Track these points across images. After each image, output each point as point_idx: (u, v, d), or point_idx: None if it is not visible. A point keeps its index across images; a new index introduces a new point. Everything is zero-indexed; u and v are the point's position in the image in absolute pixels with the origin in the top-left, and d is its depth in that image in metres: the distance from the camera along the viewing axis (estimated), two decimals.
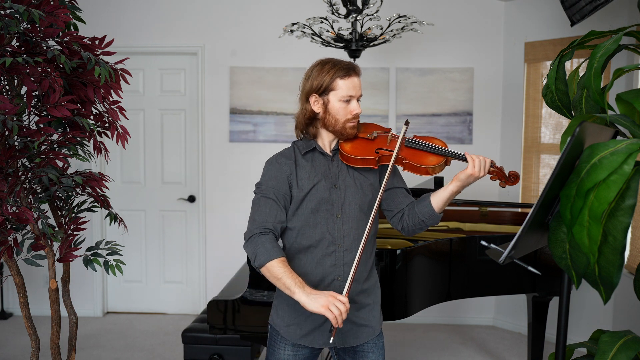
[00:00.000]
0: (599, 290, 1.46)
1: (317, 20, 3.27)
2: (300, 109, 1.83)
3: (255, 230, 1.71)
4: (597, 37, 2.04)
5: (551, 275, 2.83)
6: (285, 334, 1.83)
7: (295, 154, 1.83)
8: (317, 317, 1.79)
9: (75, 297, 3.73)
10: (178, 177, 4.47)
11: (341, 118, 1.77)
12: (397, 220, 1.86)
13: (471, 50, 4.25)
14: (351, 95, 1.76)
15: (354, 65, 1.78)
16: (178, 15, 4.30)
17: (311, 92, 1.77)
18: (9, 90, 2.04)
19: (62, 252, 2.04)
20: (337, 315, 1.52)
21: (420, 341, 3.98)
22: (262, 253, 1.65)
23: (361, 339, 1.84)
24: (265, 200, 1.76)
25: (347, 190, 1.80)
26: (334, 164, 1.82)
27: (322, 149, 1.83)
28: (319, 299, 1.55)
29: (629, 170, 1.28)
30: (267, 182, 1.79)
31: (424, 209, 1.78)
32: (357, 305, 1.83)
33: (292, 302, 1.78)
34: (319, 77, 1.76)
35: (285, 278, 1.61)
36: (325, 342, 1.81)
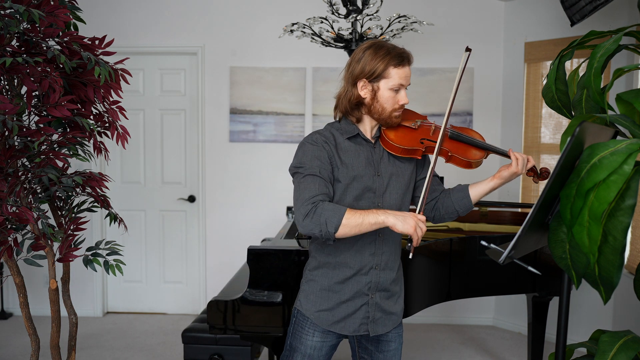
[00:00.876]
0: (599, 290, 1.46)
1: (317, 20, 3.27)
2: (344, 91, 1.76)
3: (307, 206, 1.61)
4: (597, 37, 2.04)
5: (551, 275, 2.83)
6: (316, 319, 1.81)
7: (336, 137, 1.77)
8: (352, 304, 1.79)
9: (75, 297, 3.74)
10: (178, 177, 4.47)
11: (389, 107, 1.73)
12: (431, 208, 1.87)
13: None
14: (402, 84, 1.73)
15: (408, 54, 1.75)
16: (178, 15, 4.30)
17: (361, 77, 1.71)
18: (9, 90, 2.04)
19: (62, 252, 2.04)
20: (420, 235, 1.58)
21: (420, 341, 3.98)
22: (331, 216, 1.58)
23: (389, 327, 1.85)
24: (312, 177, 1.67)
25: (390, 178, 1.78)
26: (376, 151, 1.79)
27: (365, 135, 1.79)
28: (407, 219, 1.57)
29: (629, 170, 1.28)
30: (310, 161, 1.69)
31: (461, 200, 1.80)
32: (389, 293, 1.84)
33: (325, 286, 1.80)
34: (371, 62, 1.69)
35: (366, 217, 1.59)
36: (355, 330, 1.81)
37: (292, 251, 2.39)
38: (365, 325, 1.81)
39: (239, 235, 4.32)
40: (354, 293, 1.79)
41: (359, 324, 1.80)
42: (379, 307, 1.82)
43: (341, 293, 1.79)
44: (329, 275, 1.80)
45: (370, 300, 1.80)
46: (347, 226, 1.58)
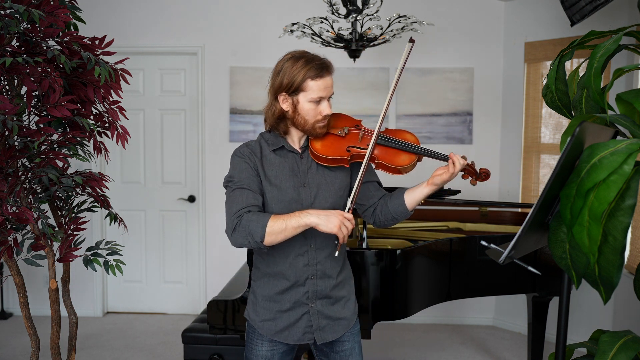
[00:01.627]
0: (599, 290, 1.46)
1: (317, 20, 3.26)
2: (269, 105, 1.76)
3: (234, 221, 1.64)
4: (597, 37, 2.04)
5: (551, 275, 2.83)
6: (260, 329, 1.83)
7: (262, 148, 1.78)
8: (292, 314, 1.80)
9: (75, 297, 3.73)
10: (178, 177, 4.47)
11: (310, 119, 1.72)
12: (370, 214, 1.85)
13: (471, 50, 4.25)
14: (321, 96, 1.69)
15: (327, 64, 1.71)
16: (178, 15, 4.30)
17: (280, 91, 1.71)
18: (9, 90, 2.04)
19: (62, 252, 2.04)
20: (345, 234, 1.59)
21: (420, 341, 3.98)
22: (254, 227, 1.60)
23: (339, 332, 1.85)
24: (240, 190, 1.70)
25: (319, 188, 1.77)
26: (303, 161, 1.78)
27: (291, 147, 1.79)
28: (331, 218, 1.58)
29: (629, 170, 1.28)
30: (238, 174, 1.73)
31: (397, 207, 1.78)
32: (332, 300, 1.83)
33: (266, 296, 1.81)
34: (289, 76, 1.68)
35: (289, 222, 1.60)
36: (299, 339, 1.81)
37: None
38: (309, 334, 1.81)
39: None
40: (294, 303, 1.80)
41: (302, 332, 1.81)
42: (323, 314, 1.81)
43: (281, 303, 1.80)
44: (269, 285, 1.82)
45: (311, 309, 1.80)
46: (272, 234, 1.60)
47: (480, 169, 1.77)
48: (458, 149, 4.26)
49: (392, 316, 2.46)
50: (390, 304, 2.46)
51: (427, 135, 4.28)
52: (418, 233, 3.06)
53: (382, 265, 2.43)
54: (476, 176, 1.77)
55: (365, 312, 2.42)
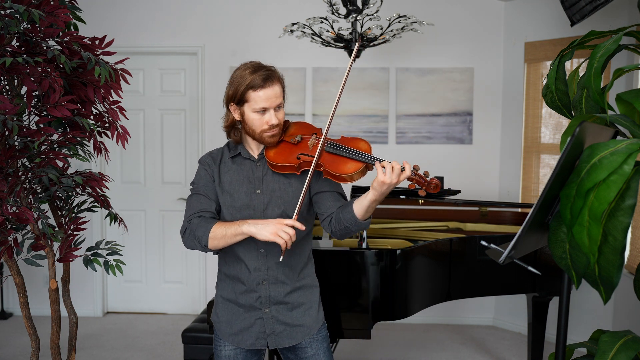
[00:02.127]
0: (599, 290, 1.46)
1: (317, 20, 3.27)
2: (225, 114, 1.82)
3: (185, 224, 1.75)
4: (597, 37, 2.04)
5: (551, 275, 2.83)
6: (218, 330, 1.87)
7: (223, 155, 1.85)
8: (247, 318, 1.82)
9: (75, 297, 3.73)
10: (178, 177, 4.47)
11: (257, 129, 1.74)
12: (327, 224, 1.81)
13: (471, 50, 4.25)
14: (264, 107, 1.70)
15: (271, 73, 1.71)
16: (178, 15, 4.30)
17: (229, 101, 1.76)
18: (9, 90, 2.04)
19: (62, 252, 2.04)
20: (287, 240, 1.60)
21: (420, 341, 3.98)
22: (200, 232, 1.69)
23: (297, 339, 1.84)
24: (196, 196, 1.79)
25: (272, 194, 1.79)
26: (259, 168, 1.81)
27: (248, 154, 1.82)
28: (267, 227, 1.62)
29: (629, 170, 1.28)
30: (198, 181, 1.83)
31: (347, 215, 1.71)
32: (290, 306, 1.83)
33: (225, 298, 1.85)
34: (235, 86, 1.71)
35: (229, 229, 1.66)
36: (252, 344, 1.82)
37: None
38: (262, 339, 1.82)
39: None
40: (248, 307, 1.82)
41: (255, 337, 1.82)
42: (278, 320, 1.82)
43: (238, 306, 1.83)
44: (227, 287, 1.85)
45: (265, 315, 1.81)
46: (214, 239, 1.68)
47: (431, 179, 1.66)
48: (458, 149, 4.27)
49: (392, 316, 2.46)
50: (390, 304, 2.46)
51: (427, 135, 4.28)
52: (418, 233, 3.06)
53: (382, 265, 2.43)
54: (425, 186, 1.66)
55: (365, 312, 2.42)
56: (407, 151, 4.28)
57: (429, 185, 1.66)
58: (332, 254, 2.45)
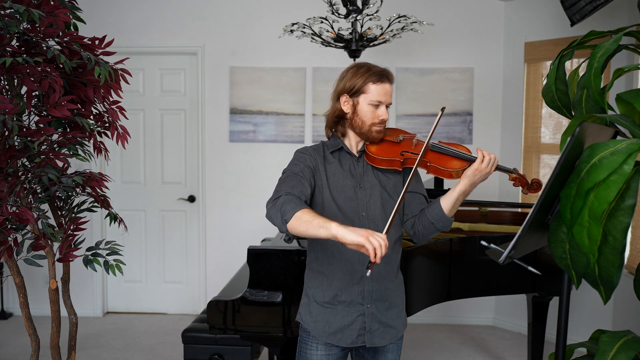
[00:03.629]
0: (599, 290, 1.46)
1: (317, 20, 3.27)
2: (331, 108, 1.86)
3: (279, 194, 1.65)
4: (597, 37, 2.04)
5: (551, 275, 2.83)
6: (314, 330, 1.83)
7: (324, 150, 1.86)
8: (347, 315, 1.80)
9: (75, 297, 3.73)
10: (178, 177, 4.47)
11: (368, 121, 1.79)
12: (410, 225, 1.86)
13: (471, 50, 4.25)
14: (380, 100, 1.78)
15: (387, 72, 1.81)
16: (178, 15, 4.30)
17: (343, 92, 1.80)
18: (9, 90, 2.04)
19: (62, 252, 2.04)
20: (376, 246, 1.41)
21: (420, 341, 3.98)
22: (289, 208, 1.57)
23: (386, 340, 1.84)
24: (293, 176, 1.74)
25: (372, 189, 1.82)
26: (360, 164, 1.85)
27: (349, 149, 1.85)
28: (357, 229, 1.46)
29: (629, 170, 1.28)
30: (294, 165, 1.80)
31: (433, 211, 1.78)
32: (388, 304, 1.84)
33: (321, 298, 1.82)
34: (352, 79, 1.79)
35: (318, 219, 1.51)
36: (353, 341, 1.81)
37: (292, 251, 2.39)
38: (362, 336, 1.82)
39: (239, 235, 4.32)
40: (349, 303, 1.80)
41: (357, 335, 1.81)
42: (376, 318, 1.81)
43: (337, 303, 1.81)
44: (323, 285, 1.82)
45: (367, 311, 1.80)
46: (298, 220, 1.54)
47: (532, 179, 1.81)
48: None
49: None
50: None
51: (427, 135, 4.27)
52: None
53: None
54: (528, 187, 1.81)
55: None
56: None
57: (531, 185, 1.81)
58: None
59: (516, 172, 1.82)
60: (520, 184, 1.82)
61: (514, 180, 1.82)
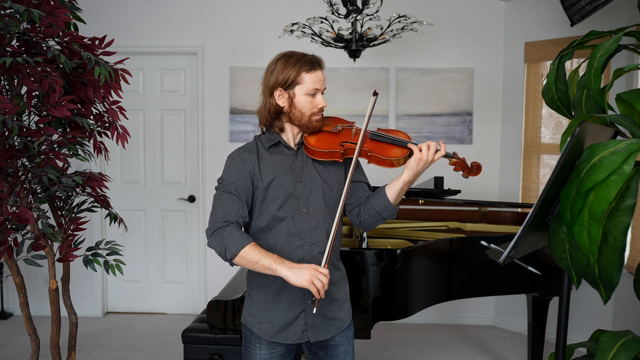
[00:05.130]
0: (599, 290, 1.46)
1: (317, 20, 3.27)
2: (263, 104, 1.81)
3: (217, 224, 1.67)
4: (597, 37, 2.04)
5: (551, 275, 2.83)
6: (259, 331, 1.83)
7: (258, 147, 1.82)
8: (290, 313, 1.80)
9: (75, 297, 3.74)
10: (178, 177, 4.47)
11: (307, 112, 1.76)
12: (355, 214, 1.86)
13: (471, 50, 4.25)
14: (317, 88, 1.75)
15: (318, 59, 1.78)
16: (178, 15, 4.30)
17: (276, 86, 1.76)
18: (9, 90, 2.04)
19: (62, 252, 2.04)
20: (320, 288, 1.57)
21: (420, 341, 3.98)
22: (232, 243, 1.62)
23: (331, 332, 1.85)
24: (227, 195, 1.72)
25: (313, 184, 1.80)
26: (299, 158, 1.82)
27: (287, 143, 1.82)
28: (302, 273, 1.57)
29: (629, 170, 1.28)
30: (228, 177, 1.76)
31: (379, 200, 1.77)
32: (329, 298, 1.83)
33: (263, 299, 1.82)
34: (284, 71, 1.74)
35: (263, 259, 1.60)
36: (298, 337, 1.82)
37: None
38: (306, 332, 1.82)
39: None
40: (290, 302, 1.80)
41: (301, 331, 1.81)
42: (318, 312, 1.81)
43: (278, 303, 1.81)
44: (265, 285, 1.82)
45: (308, 307, 1.81)
46: (243, 259, 1.63)
47: (472, 162, 1.78)
48: (458, 149, 4.26)
49: (392, 316, 2.46)
50: (390, 304, 2.46)
51: (427, 135, 4.28)
52: (418, 233, 3.06)
53: (382, 265, 2.43)
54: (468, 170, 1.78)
55: (365, 312, 2.42)
56: None
57: (471, 168, 1.78)
58: None
59: (455, 156, 1.78)
60: (461, 168, 1.78)
61: (454, 165, 1.78)
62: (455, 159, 1.77)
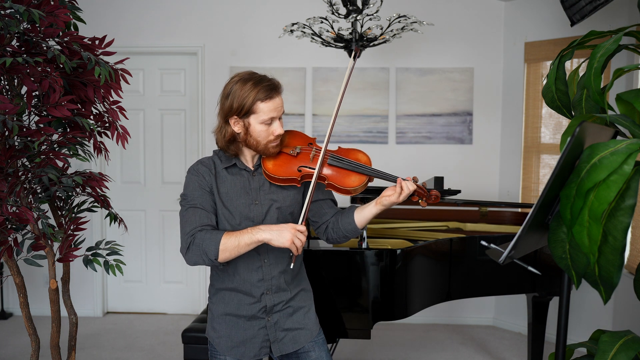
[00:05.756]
0: (599, 290, 1.46)
1: (317, 20, 3.27)
2: (219, 128, 1.75)
3: (188, 239, 1.65)
4: (597, 37, 2.03)
5: (551, 275, 2.83)
6: (217, 345, 1.82)
7: (216, 165, 1.79)
8: (249, 329, 1.80)
9: (75, 297, 3.74)
10: (178, 177, 4.47)
11: (263, 140, 1.72)
12: (322, 231, 1.86)
13: (471, 50, 4.25)
14: (272, 117, 1.70)
15: (275, 84, 1.72)
16: (178, 15, 4.30)
17: (231, 114, 1.70)
18: (9, 90, 2.04)
19: (62, 252, 2.04)
20: (298, 246, 1.61)
21: (420, 341, 3.98)
22: (208, 245, 1.62)
23: (300, 342, 1.84)
24: (193, 209, 1.71)
25: (271, 206, 1.78)
26: (255, 179, 1.79)
27: (244, 164, 1.79)
28: (283, 233, 1.60)
29: (629, 170, 1.28)
30: (192, 192, 1.73)
31: (348, 226, 1.79)
32: (290, 310, 1.83)
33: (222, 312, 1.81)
34: (239, 99, 1.68)
35: (241, 238, 1.62)
36: (256, 354, 1.80)
37: None
38: (266, 348, 1.81)
39: None
40: (249, 318, 1.79)
41: (259, 347, 1.80)
42: (280, 327, 1.81)
43: (237, 318, 1.80)
44: (225, 301, 1.81)
45: (268, 323, 1.80)
46: (225, 250, 1.62)
47: (431, 190, 1.74)
48: (458, 149, 4.27)
49: (392, 316, 2.46)
50: (390, 304, 2.46)
51: (427, 135, 4.28)
52: (418, 233, 3.06)
53: (382, 265, 2.43)
54: (426, 198, 1.75)
55: (365, 312, 2.42)
56: (407, 151, 4.28)
57: (429, 196, 1.75)
58: (332, 254, 2.45)
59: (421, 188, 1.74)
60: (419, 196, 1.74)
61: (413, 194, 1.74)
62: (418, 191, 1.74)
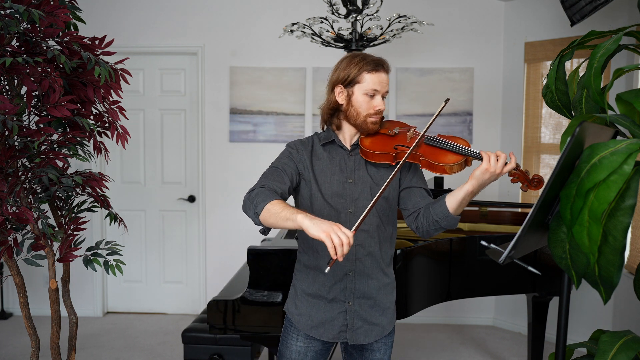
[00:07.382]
0: (599, 290, 1.46)
1: (317, 20, 3.27)
2: (326, 100, 1.82)
3: (255, 186, 1.66)
4: (597, 37, 2.03)
5: (551, 275, 2.83)
6: (297, 322, 1.83)
7: (314, 143, 1.83)
8: (330, 310, 1.79)
9: (75, 297, 3.74)
10: (178, 177, 4.47)
11: (363, 112, 1.75)
12: (412, 219, 1.81)
13: (471, 50, 4.25)
14: (376, 89, 1.74)
15: (383, 61, 1.76)
16: (178, 15, 4.30)
17: (337, 83, 1.76)
18: (9, 90, 2.04)
19: (62, 252, 2.04)
20: (337, 244, 1.36)
21: (420, 341, 3.98)
22: (260, 200, 1.56)
23: (371, 337, 1.82)
24: (274, 169, 1.73)
25: (363, 185, 1.78)
26: (351, 159, 1.80)
27: (342, 143, 1.82)
28: (322, 224, 1.39)
29: (629, 170, 1.28)
30: (280, 158, 1.78)
31: (438, 208, 1.70)
32: (372, 302, 1.81)
33: (306, 290, 1.81)
34: (346, 69, 1.74)
35: (285, 210, 1.49)
36: (334, 337, 1.80)
37: (292, 251, 2.39)
38: (344, 332, 1.80)
39: (239, 235, 4.32)
40: (332, 299, 1.79)
41: (338, 331, 1.80)
42: (359, 315, 1.80)
43: (320, 298, 1.80)
44: (309, 278, 1.82)
45: (349, 308, 1.79)
46: (268, 212, 1.53)
47: (533, 175, 1.69)
48: None
49: None
50: None
51: (427, 135, 4.27)
52: None
53: None
54: (528, 183, 1.68)
55: None
56: None
57: (531, 181, 1.68)
58: None
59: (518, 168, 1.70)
60: (520, 180, 1.70)
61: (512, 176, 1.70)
62: (517, 172, 1.69)
